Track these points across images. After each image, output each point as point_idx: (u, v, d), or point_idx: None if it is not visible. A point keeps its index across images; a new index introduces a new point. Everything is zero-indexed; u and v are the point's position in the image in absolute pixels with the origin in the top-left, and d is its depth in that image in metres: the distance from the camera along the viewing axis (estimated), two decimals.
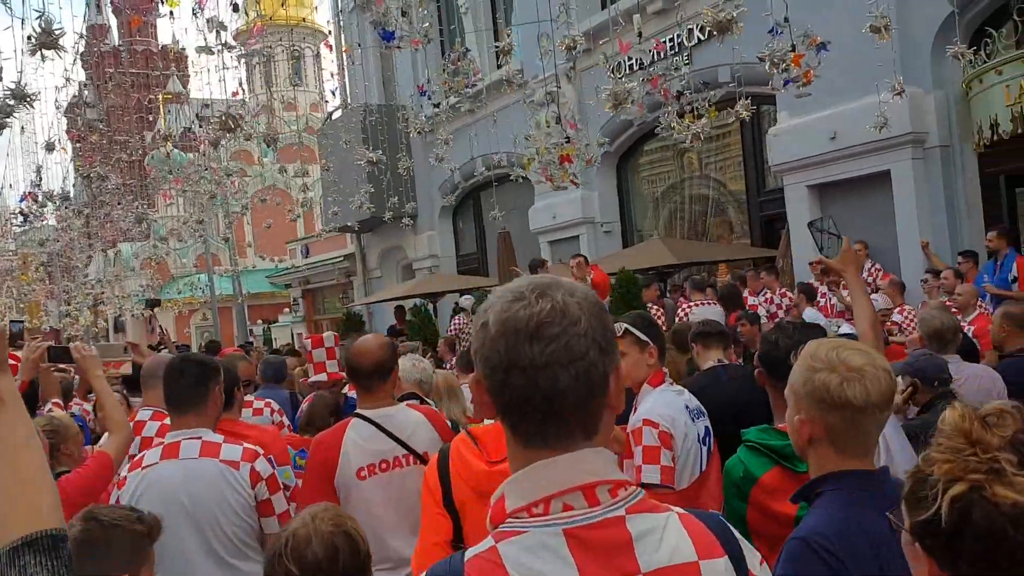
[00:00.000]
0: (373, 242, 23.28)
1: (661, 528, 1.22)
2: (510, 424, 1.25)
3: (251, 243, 28.50)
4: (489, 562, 1.18)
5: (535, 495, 1.21)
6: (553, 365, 1.18)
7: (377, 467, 3.28)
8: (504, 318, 1.21)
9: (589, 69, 14.97)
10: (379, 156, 10.40)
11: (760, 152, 13.16)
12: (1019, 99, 8.61)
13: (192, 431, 3.21)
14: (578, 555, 1.17)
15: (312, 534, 1.98)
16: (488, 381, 1.23)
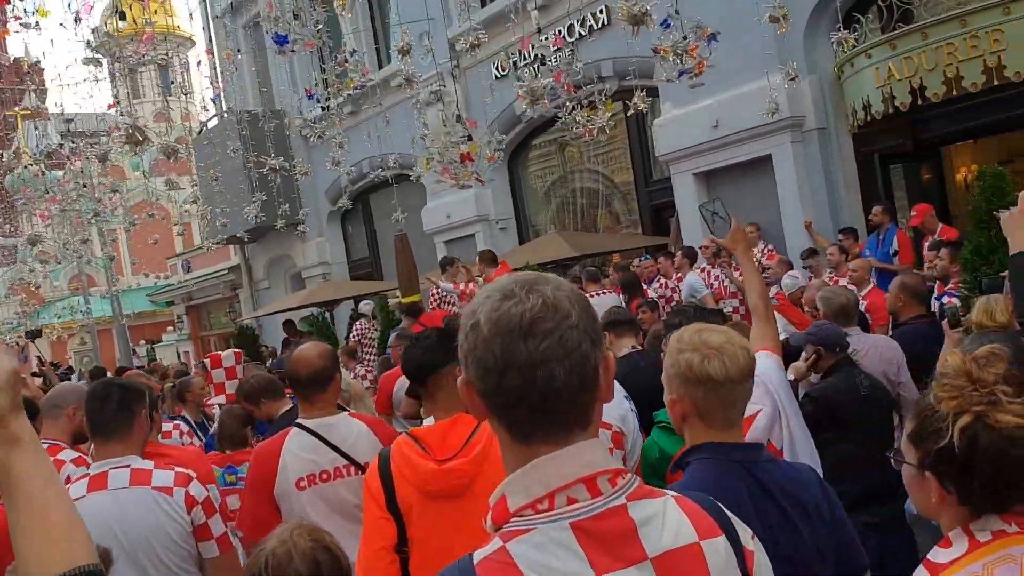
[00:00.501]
0: (259, 252, 22.63)
1: (662, 513, 1.26)
2: (506, 423, 1.25)
3: (135, 260, 27.23)
4: (501, 563, 1.19)
5: (539, 491, 1.21)
6: (549, 361, 1.19)
7: (317, 477, 3.20)
8: (496, 317, 1.20)
9: (473, 67, 15.00)
10: (281, 162, 10.09)
11: (646, 143, 13.46)
12: (888, 80, 9.07)
13: (119, 459, 3.04)
14: (587, 547, 1.19)
15: (292, 551, 1.91)
16: (482, 383, 1.22)
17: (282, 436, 3.31)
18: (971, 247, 5.70)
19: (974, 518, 1.62)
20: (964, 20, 8.45)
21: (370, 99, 14.34)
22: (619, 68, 12.08)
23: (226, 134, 16.15)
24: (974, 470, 1.56)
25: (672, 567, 1.22)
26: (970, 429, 1.56)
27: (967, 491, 1.59)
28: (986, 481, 1.56)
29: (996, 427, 1.55)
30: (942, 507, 1.65)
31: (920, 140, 10.21)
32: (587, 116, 7.27)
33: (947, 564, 1.61)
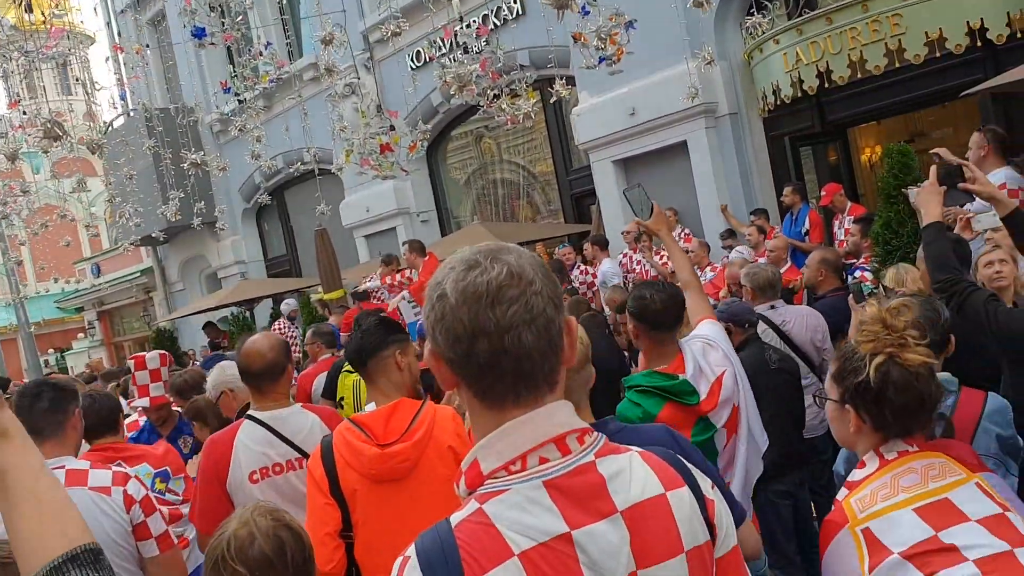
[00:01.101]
0: (172, 253, 22.01)
1: (628, 468, 1.31)
2: (477, 390, 1.27)
3: (43, 266, 26.07)
4: (479, 524, 1.22)
5: (511, 454, 1.25)
6: (517, 326, 1.22)
7: (270, 470, 3.19)
8: (463, 287, 1.24)
9: (387, 59, 14.87)
10: (202, 156, 9.81)
11: (565, 132, 13.57)
12: (796, 65, 9.35)
13: (53, 460, 2.95)
14: (560, 503, 1.23)
15: (254, 531, 1.89)
16: (451, 351, 1.25)
17: (234, 428, 3.27)
18: (881, 221, 5.93)
19: (883, 442, 1.95)
20: (865, 5, 8.76)
21: (286, 92, 14.10)
22: (536, 58, 12.16)
23: (137, 131, 15.66)
24: (886, 400, 1.89)
25: (641, 518, 1.27)
26: (883, 366, 1.88)
27: (880, 419, 1.92)
28: (895, 409, 1.89)
29: (904, 364, 1.88)
30: (858, 435, 1.97)
31: (827, 122, 10.56)
32: (511, 103, 7.30)
33: (862, 480, 1.93)
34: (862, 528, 1.83)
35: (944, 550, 1.75)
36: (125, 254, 21.33)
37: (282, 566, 1.88)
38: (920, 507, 1.82)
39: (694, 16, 10.09)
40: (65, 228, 22.38)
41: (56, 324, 33.11)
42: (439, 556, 1.21)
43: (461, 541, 1.21)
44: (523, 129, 14.93)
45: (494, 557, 1.19)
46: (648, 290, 3.14)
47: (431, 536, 1.25)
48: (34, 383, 3.18)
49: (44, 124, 6.19)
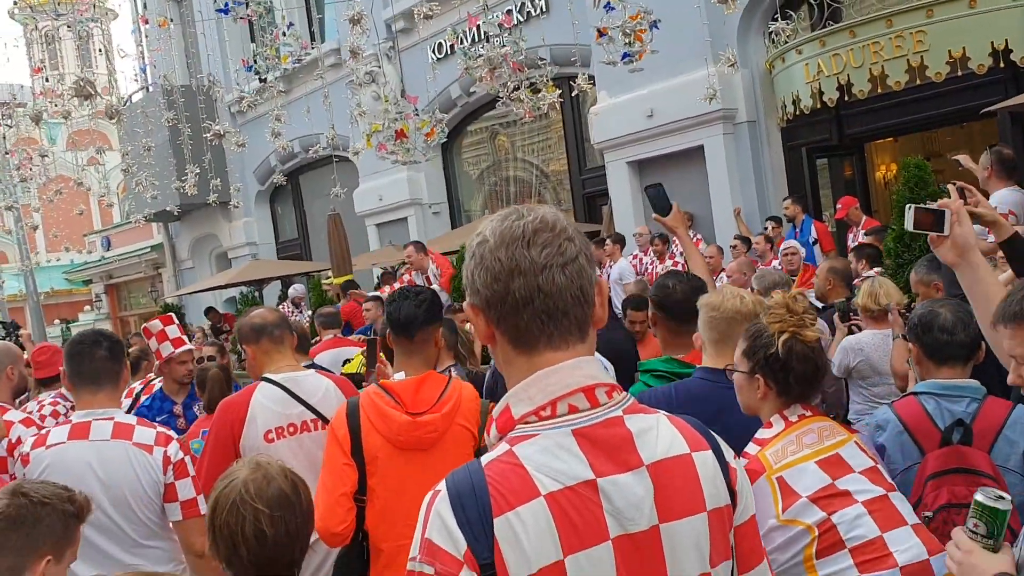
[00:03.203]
0: (184, 231, 22.11)
1: (655, 426, 1.36)
2: (510, 333, 1.34)
3: (56, 234, 26.18)
4: (509, 464, 1.27)
5: (541, 399, 1.31)
6: (551, 267, 1.30)
7: (285, 430, 3.23)
8: (500, 230, 1.33)
9: (409, 49, 14.93)
10: (226, 128, 9.84)
11: (581, 130, 13.60)
12: (817, 76, 9.38)
13: (103, 411, 3.07)
14: (588, 452, 1.28)
15: (270, 473, 1.95)
16: (489, 290, 1.32)
17: (249, 389, 3.31)
18: (894, 234, 5.95)
19: (786, 407, 2.31)
20: (890, 20, 8.78)
21: (307, 76, 14.13)
22: (557, 55, 12.18)
23: (156, 105, 15.71)
24: (791, 370, 2.25)
25: (666, 474, 1.32)
26: (789, 341, 2.25)
27: (784, 385, 2.28)
28: (797, 376, 2.26)
29: (804, 340, 2.26)
30: (764, 401, 2.33)
31: (845, 135, 10.57)
32: (531, 96, 7.33)
33: (770, 438, 2.28)
34: (776, 476, 2.20)
35: (840, 494, 2.17)
36: (137, 227, 21.42)
37: (298, 503, 1.94)
38: (820, 460, 2.22)
39: (718, 21, 10.13)
40: (79, 197, 22.50)
41: (63, 295, 33.25)
42: (468, 491, 1.26)
43: (491, 479, 1.26)
44: (539, 127, 15.00)
45: (521, 495, 1.24)
46: (671, 280, 3.18)
47: (462, 473, 1.30)
48: (91, 332, 3.27)
49: (76, 82, 6.20)
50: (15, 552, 2.05)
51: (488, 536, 1.22)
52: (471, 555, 1.22)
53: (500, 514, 1.23)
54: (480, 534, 1.22)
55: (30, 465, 2.99)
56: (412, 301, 2.96)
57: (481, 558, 1.21)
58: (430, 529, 1.26)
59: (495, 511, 1.23)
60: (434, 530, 1.25)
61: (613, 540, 1.27)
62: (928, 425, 2.71)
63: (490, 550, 1.22)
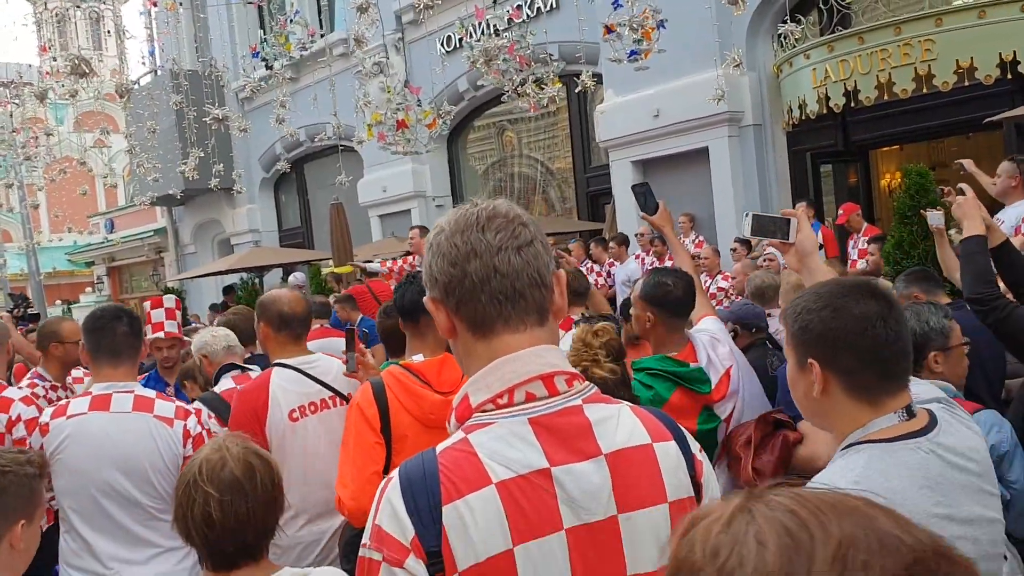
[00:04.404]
0: (187, 216, 22.13)
1: (616, 416, 1.34)
2: (468, 318, 1.34)
3: (59, 213, 26.18)
4: (462, 452, 1.27)
5: (500, 387, 1.30)
6: (506, 248, 1.32)
7: (307, 408, 3.26)
8: (456, 218, 1.36)
9: (418, 41, 14.91)
10: (225, 112, 9.85)
11: (586, 129, 13.60)
12: (824, 82, 9.36)
13: (123, 384, 3.11)
14: (543, 440, 1.27)
15: (226, 456, 1.94)
16: (446, 275, 1.33)
17: (265, 375, 3.33)
18: (893, 241, 5.95)
19: None
20: (899, 28, 8.76)
21: (314, 65, 14.12)
22: (565, 52, 12.18)
23: (163, 88, 15.72)
24: None
25: (625, 463, 1.30)
26: (586, 374, 2.30)
27: None
28: None
29: (593, 376, 2.34)
30: None
31: (850, 142, 10.55)
32: (536, 91, 7.33)
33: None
34: None
35: None
36: (141, 210, 21.42)
37: (251, 489, 1.91)
38: None
39: (726, 23, 10.12)
40: (83, 178, 22.48)
41: (65, 276, 33.29)
42: (419, 479, 1.26)
43: (443, 466, 1.26)
44: (545, 124, 15.00)
45: (472, 483, 1.23)
46: (670, 278, 3.18)
47: (415, 461, 1.30)
48: (111, 307, 3.29)
49: (71, 59, 6.20)
50: None
51: (436, 524, 1.22)
52: (418, 542, 1.21)
53: (449, 502, 1.23)
54: (428, 521, 1.22)
55: (49, 435, 3.02)
56: (416, 287, 3.01)
57: (428, 545, 1.21)
58: (380, 515, 1.26)
59: (444, 499, 1.23)
60: (384, 516, 1.25)
61: (567, 530, 1.25)
62: None
63: (437, 538, 1.21)
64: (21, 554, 2.12)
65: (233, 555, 1.92)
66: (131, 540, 3.02)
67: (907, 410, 1.64)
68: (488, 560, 1.21)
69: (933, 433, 1.64)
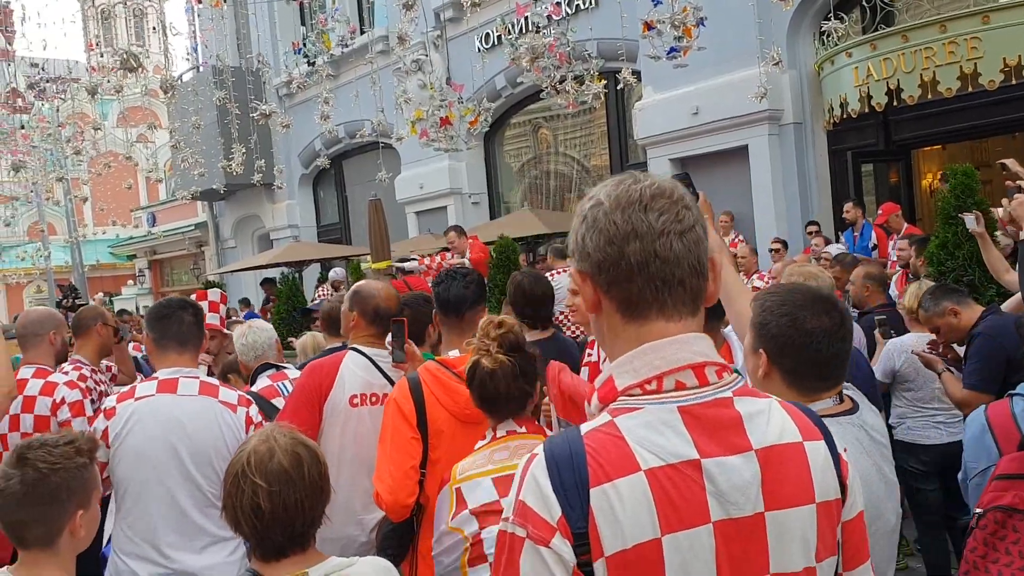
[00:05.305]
0: (228, 211, 22.42)
1: (767, 411, 1.30)
2: (620, 300, 1.29)
3: (103, 207, 26.69)
4: (609, 436, 1.23)
5: (648, 373, 1.26)
6: (668, 233, 1.25)
7: (368, 398, 3.31)
8: (616, 194, 1.29)
9: (457, 39, 14.98)
10: (272, 108, 9.98)
11: (624, 126, 13.56)
12: (866, 80, 9.26)
13: (190, 370, 3.19)
14: (693, 431, 1.23)
15: (274, 446, 1.96)
16: (602, 253, 1.27)
17: (340, 355, 3.39)
18: (937, 242, 5.88)
19: (497, 423, 2.57)
20: (944, 26, 8.64)
21: (354, 63, 14.21)
22: (604, 50, 12.16)
23: (207, 83, 15.93)
24: (472, 387, 2.57)
25: (775, 460, 1.26)
26: (476, 364, 2.55)
27: (479, 404, 2.58)
28: (478, 398, 2.57)
29: (483, 366, 2.53)
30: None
31: (892, 141, 10.43)
32: (575, 87, 7.34)
33: (477, 449, 2.54)
34: (456, 487, 2.45)
35: (497, 511, 2.23)
36: (183, 204, 21.72)
37: (299, 479, 1.94)
38: (497, 477, 2.40)
39: (767, 21, 10.05)
40: (128, 172, 22.89)
41: (108, 269, 33.87)
42: (566, 458, 1.21)
43: (590, 448, 1.21)
44: (582, 122, 14.98)
45: (621, 468, 1.19)
46: None
47: (560, 439, 1.26)
48: (177, 299, 3.39)
49: (121, 55, 6.32)
50: (43, 523, 2.10)
51: (583, 505, 1.18)
52: (565, 522, 1.17)
53: (597, 484, 1.18)
54: (575, 502, 1.18)
55: (115, 417, 3.06)
56: (460, 282, 3.07)
57: (575, 527, 1.17)
58: (525, 491, 1.22)
59: (592, 481, 1.19)
60: (528, 493, 1.21)
61: (714, 523, 1.21)
62: (1011, 426, 2.66)
63: (584, 520, 1.17)
64: (82, 539, 2.19)
65: (282, 544, 1.95)
66: (188, 527, 3.04)
67: (839, 396, 2.01)
68: (635, 547, 1.18)
69: (858, 414, 2.03)
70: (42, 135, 17.50)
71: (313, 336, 5.47)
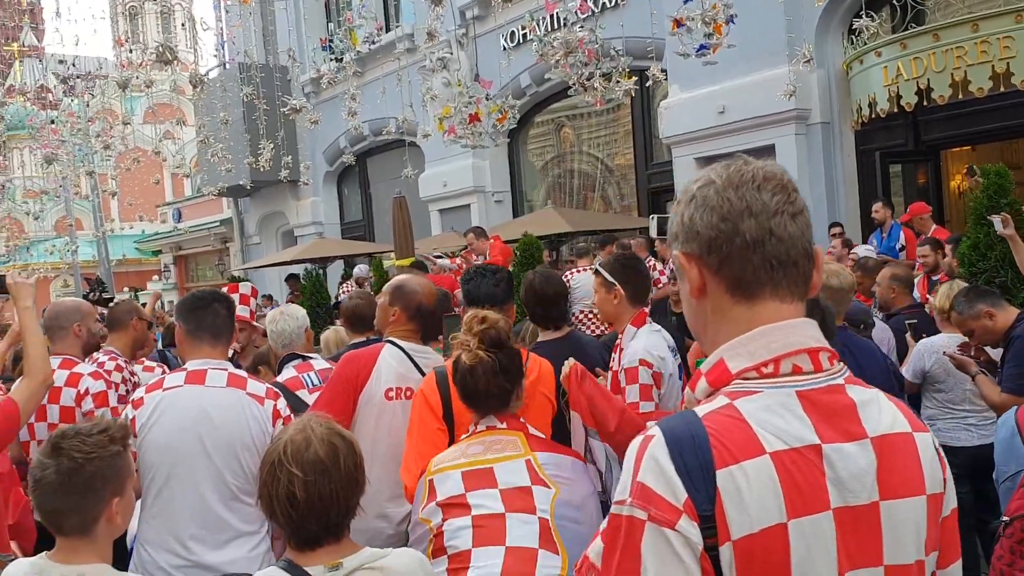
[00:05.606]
0: (252, 207, 22.57)
1: (876, 400, 1.28)
2: (731, 280, 1.26)
3: (132, 202, 26.95)
4: (730, 417, 1.19)
5: (765, 355, 1.23)
6: (782, 212, 1.24)
7: (403, 392, 3.30)
8: (729, 174, 1.27)
9: (482, 36, 14.98)
10: (302, 103, 10.04)
11: (649, 124, 13.52)
12: (896, 80, 9.17)
13: (217, 361, 3.18)
14: (812, 415, 1.21)
15: (311, 436, 1.98)
16: (715, 231, 1.25)
17: (378, 347, 3.40)
18: (969, 242, 5.81)
19: (478, 419, 2.62)
20: (976, 25, 8.54)
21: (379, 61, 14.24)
22: (630, 47, 12.12)
23: (236, 80, 16.03)
24: (456, 383, 2.62)
25: (889, 449, 1.24)
26: (458, 359, 2.60)
27: (465, 398, 2.62)
28: (461, 392, 2.62)
29: (463, 362, 2.58)
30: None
31: (921, 142, 10.32)
32: (604, 84, 7.33)
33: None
34: (430, 478, 2.50)
35: (461, 505, 2.41)
36: (208, 200, 21.88)
37: (335, 469, 1.96)
38: (468, 471, 2.46)
39: (796, 19, 9.98)
40: (154, 168, 23.10)
41: (133, 264, 34.23)
42: (687, 439, 1.17)
43: (711, 429, 1.18)
44: (606, 121, 14.94)
45: (746, 450, 1.16)
46: None
47: (676, 420, 1.22)
48: (209, 291, 3.40)
49: (157, 48, 6.37)
50: (80, 512, 2.12)
51: (710, 488, 1.14)
52: (691, 504, 1.14)
53: (723, 466, 1.15)
54: (700, 484, 1.14)
55: (143, 407, 3.06)
56: (490, 280, 3.09)
57: (701, 509, 1.14)
58: (644, 473, 1.16)
59: (717, 463, 1.15)
60: (648, 474, 1.16)
61: (834, 510, 1.18)
62: None
63: (711, 503, 1.14)
64: (118, 525, 2.22)
65: (316, 534, 1.97)
66: (211, 520, 3.02)
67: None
68: (762, 531, 1.15)
69: None
70: (71, 130, 17.71)
71: (336, 331, 5.49)
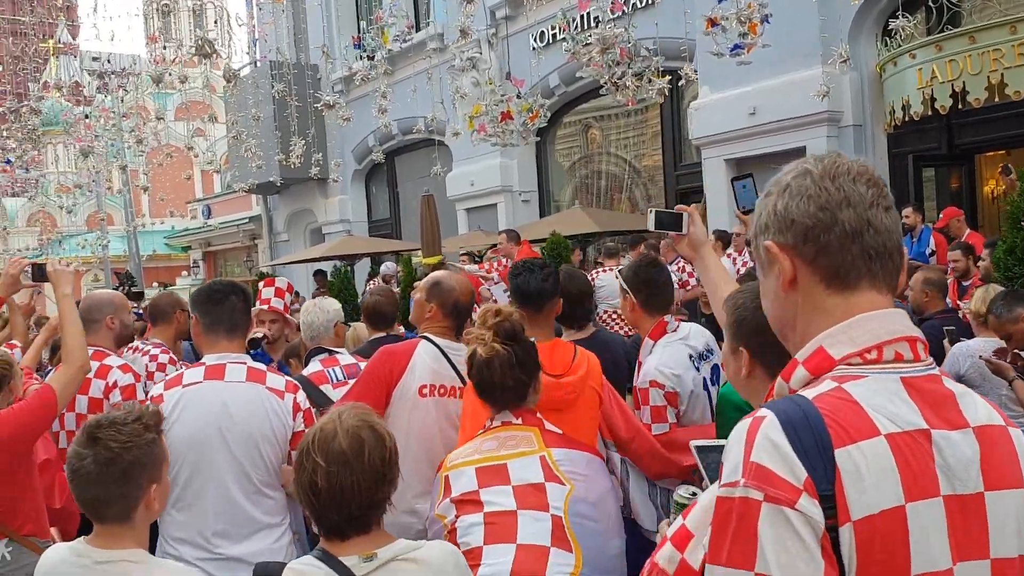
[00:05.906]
0: (281, 205, 22.75)
1: (970, 393, 1.28)
2: (827, 270, 1.26)
3: (163, 197, 27.25)
4: (842, 400, 1.19)
5: (868, 341, 1.24)
6: (877, 205, 1.26)
7: (436, 389, 3.31)
8: (825, 164, 1.28)
9: (510, 37, 14.99)
10: (336, 99, 10.11)
11: (678, 125, 13.46)
12: (930, 82, 9.06)
13: (236, 356, 3.17)
14: (917, 402, 1.21)
15: (338, 427, 1.99)
16: (813, 219, 1.25)
17: (414, 342, 3.40)
18: (1005, 247, 5.73)
19: (494, 413, 2.63)
20: (1014, 27, 8.43)
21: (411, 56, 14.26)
22: (663, 47, 12.06)
23: (268, 76, 16.17)
24: (471, 372, 2.64)
25: (990, 440, 1.24)
26: (473, 352, 2.61)
27: (479, 394, 2.64)
28: (477, 386, 2.64)
29: (478, 355, 2.58)
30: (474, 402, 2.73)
31: (955, 145, 10.20)
32: (636, 83, 7.31)
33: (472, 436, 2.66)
34: (446, 474, 2.53)
35: (474, 502, 2.43)
36: (238, 197, 22.06)
37: (357, 462, 1.95)
38: (481, 467, 2.48)
39: (830, 21, 9.90)
40: (186, 163, 23.33)
41: (163, 259, 34.58)
42: (801, 419, 1.15)
43: (824, 410, 1.16)
44: (634, 122, 14.90)
45: (862, 431, 1.15)
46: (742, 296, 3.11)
47: (786, 402, 1.20)
48: (227, 282, 3.37)
49: (197, 41, 6.44)
50: (119, 500, 2.14)
51: (828, 468, 1.12)
52: (811, 484, 1.11)
53: (841, 446, 1.14)
54: (818, 464, 1.12)
55: (162, 404, 3.03)
56: (539, 275, 3.15)
57: (821, 489, 1.11)
58: (758, 452, 1.14)
59: (836, 442, 1.14)
60: (763, 453, 1.13)
61: (943, 498, 1.18)
62: None
63: (830, 482, 1.12)
64: (156, 511, 2.25)
65: (338, 524, 1.97)
66: (235, 514, 3.02)
67: None
68: (882, 513, 1.13)
69: None
70: (105, 124, 17.95)
71: (355, 327, 5.49)
